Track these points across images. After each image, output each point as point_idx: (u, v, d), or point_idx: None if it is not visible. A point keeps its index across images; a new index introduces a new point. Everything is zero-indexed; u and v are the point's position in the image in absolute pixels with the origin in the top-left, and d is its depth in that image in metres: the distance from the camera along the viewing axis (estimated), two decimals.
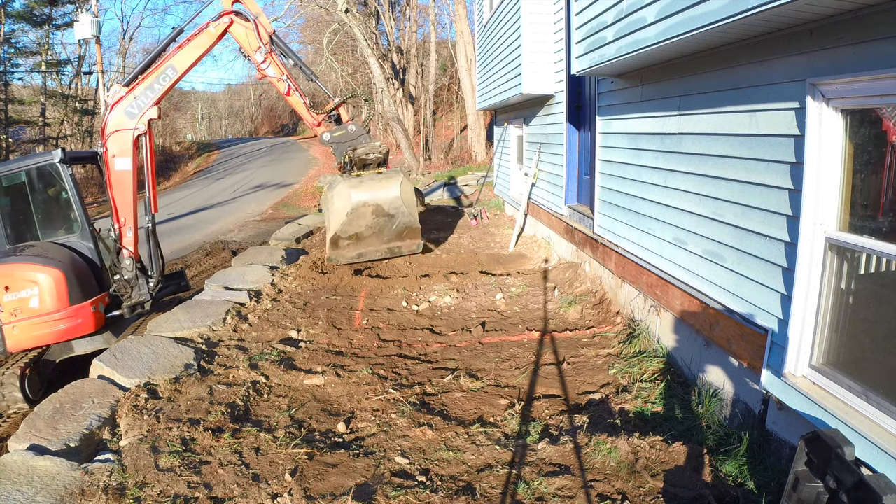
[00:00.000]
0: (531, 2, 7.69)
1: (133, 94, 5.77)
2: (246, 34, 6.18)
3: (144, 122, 5.83)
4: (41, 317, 5.33)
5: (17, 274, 5.29)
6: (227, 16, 6.06)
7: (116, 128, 5.76)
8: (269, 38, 6.22)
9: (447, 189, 15.99)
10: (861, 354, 2.80)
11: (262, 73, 6.39)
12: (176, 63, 5.91)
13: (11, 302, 5.27)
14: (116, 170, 5.77)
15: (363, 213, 6.72)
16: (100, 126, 6.30)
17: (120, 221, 5.87)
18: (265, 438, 3.74)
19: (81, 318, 5.53)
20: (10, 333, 5.29)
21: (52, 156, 5.66)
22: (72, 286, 5.44)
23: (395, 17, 27.92)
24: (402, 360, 5.10)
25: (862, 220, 2.77)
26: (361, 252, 7.14)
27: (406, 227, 7.06)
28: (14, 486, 3.13)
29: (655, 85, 4.73)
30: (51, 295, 5.32)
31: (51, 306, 5.34)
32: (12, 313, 5.27)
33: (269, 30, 6.26)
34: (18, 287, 5.27)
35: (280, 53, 6.37)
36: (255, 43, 6.18)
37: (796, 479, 2.29)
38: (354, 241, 6.94)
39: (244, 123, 60.81)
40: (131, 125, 5.78)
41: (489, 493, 3.16)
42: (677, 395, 4.06)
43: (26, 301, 5.29)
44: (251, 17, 6.10)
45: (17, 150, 23.67)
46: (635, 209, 5.13)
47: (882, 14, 2.41)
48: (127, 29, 33.00)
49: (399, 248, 7.34)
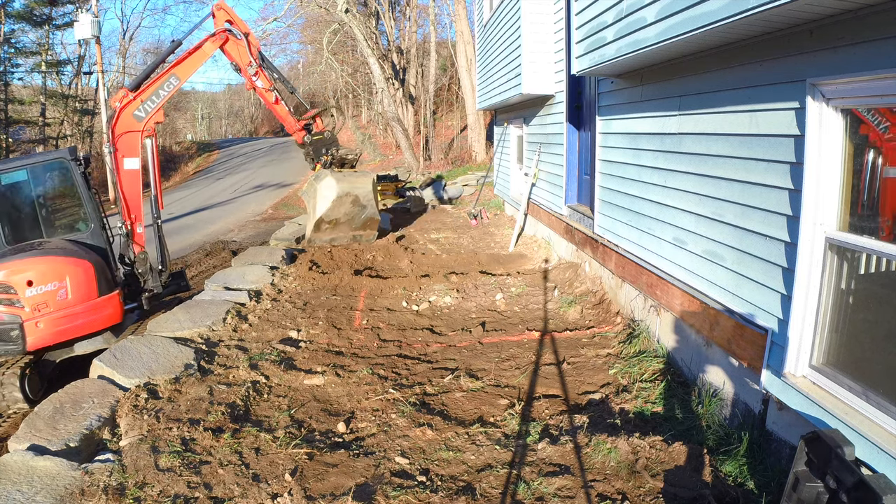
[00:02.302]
0: (531, 2, 7.69)
1: (140, 99, 6.23)
2: (238, 51, 7.07)
3: (151, 124, 6.31)
4: (69, 308, 5.28)
5: (42, 267, 5.18)
6: (223, 34, 6.94)
7: (125, 129, 6.16)
8: (258, 54, 7.15)
9: (447, 188, 16.00)
10: (861, 354, 2.80)
11: (253, 84, 7.35)
12: (178, 73, 6.57)
13: (36, 296, 5.13)
14: (126, 169, 6.14)
15: (345, 201, 7.96)
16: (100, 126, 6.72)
17: (131, 217, 6.23)
18: (265, 438, 3.74)
19: (111, 309, 5.66)
20: (32, 329, 5.15)
21: (65, 153, 5.71)
22: (100, 277, 5.54)
23: (395, 17, 27.93)
24: (402, 360, 5.10)
25: (862, 220, 2.77)
26: (334, 237, 8.41)
27: (370, 218, 8.41)
28: (14, 486, 3.12)
29: (655, 85, 4.73)
30: (81, 286, 5.33)
31: (81, 297, 5.36)
32: (37, 308, 5.15)
33: (258, 46, 7.22)
34: (45, 280, 5.16)
35: (266, 68, 7.34)
36: (247, 58, 7.09)
37: (796, 479, 2.29)
38: (332, 226, 8.23)
39: (244, 123, 60.81)
40: (139, 127, 6.22)
41: (489, 493, 3.16)
42: (677, 395, 4.06)
43: (53, 294, 5.20)
44: (240, 36, 6.99)
45: (17, 150, 23.66)
46: (635, 209, 5.13)
47: (882, 14, 2.41)
48: (127, 29, 33.00)
49: (361, 235, 8.63)
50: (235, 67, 7.27)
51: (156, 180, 6.52)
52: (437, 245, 9.73)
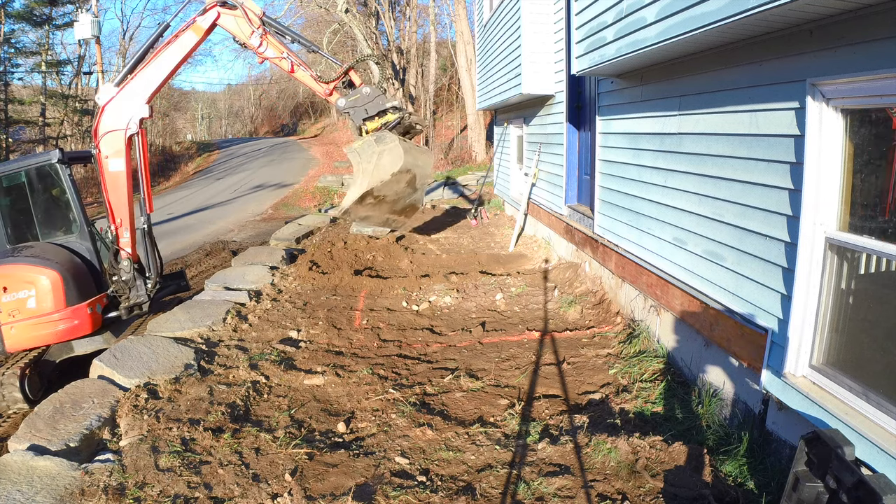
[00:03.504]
0: (531, 2, 7.69)
1: (123, 95, 5.65)
2: (236, 23, 5.93)
3: (136, 122, 5.70)
4: (38, 318, 5.34)
5: (16, 275, 5.30)
6: (214, 9, 5.81)
7: (108, 129, 5.65)
8: (259, 21, 5.94)
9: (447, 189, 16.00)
10: (861, 354, 2.80)
11: (262, 56, 6.08)
12: (164, 61, 5.73)
13: (10, 302, 5.28)
14: (110, 171, 5.69)
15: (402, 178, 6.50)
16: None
17: (116, 222, 5.79)
18: (265, 438, 3.74)
19: (78, 320, 5.52)
20: (8, 334, 5.31)
21: (50, 156, 5.64)
22: (69, 287, 5.43)
23: (395, 17, 27.92)
24: (402, 360, 5.10)
25: (862, 220, 2.77)
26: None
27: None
28: (14, 486, 3.12)
29: (655, 85, 4.73)
30: (47, 296, 5.32)
31: (47, 307, 5.34)
32: (10, 314, 5.29)
33: (259, 12, 6.01)
34: (16, 288, 5.28)
35: (275, 32, 6.09)
36: (248, 29, 5.91)
37: (796, 479, 2.29)
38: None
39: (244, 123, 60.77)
40: (123, 125, 5.66)
41: (489, 493, 3.16)
42: (677, 395, 4.06)
43: (24, 302, 5.30)
44: (237, 4, 5.85)
45: (17, 150, 23.67)
46: (635, 209, 5.13)
47: (882, 14, 2.41)
48: (127, 29, 32.96)
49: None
50: (240, 43, 6.21)
51: (145, 181, 5.97)
52: (437, 245, 9.74)
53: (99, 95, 5.68)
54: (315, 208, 16.24)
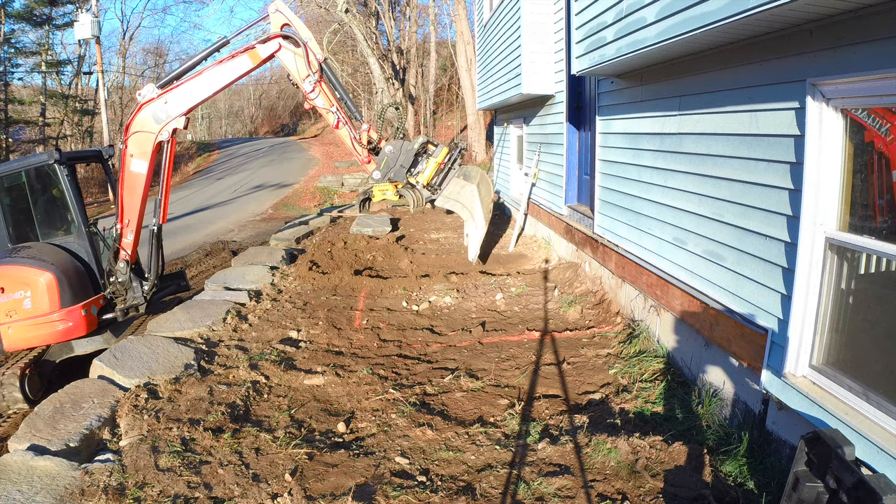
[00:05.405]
0: (531, 2, 7.69)
1: (164, 99, 5.56)
2: (295, 60, 5.72)
3: (169, 130, 5.62)
4: (34, 318, 5.36)
5: (12, 275, 5.32)
6: (276, 40, 5.65)
7: (140, 129, 5.58)
8: (318, 66, 5.77)
9: None
10: (861, 354, 2.80)
11: (311, 102, 5.90)
12: (214, 78, 5.64)
13: (7, 303, 5.30)
14: (131, 170, 5.62)
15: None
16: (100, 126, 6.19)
17: (123, 222, 5.74)
18: (265, 438, 3.74)
19: (73, 321, 5.52)
20: (5, 334, 5.34)
21: (48, 157, 5.64)
22: (63, 289, 5.42)
23: (395, 17, 27.92)
24: (402, 360, 5.10)
25: (862, 219, 2.77)
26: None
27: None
28: (14, 486, 3.12)
29: (655, 85, 4.73)
30: (43, 297, 5.34)
31: (42, 308, 5.36)
32: (7, 314, 5.31)
33: (321, 57, 5.86)
34: (13, 289, 5.31)
35: (329, 82, 5.89)
36: (305, 71, 5.71)
37: (796, 479, 2.29)
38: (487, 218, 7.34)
39: (244, 123, 60.76)
40: (155, 129, 5.59)
41: (489, 493, 3.16)
42: (677, 395, 4.06)
43: (20, 303, 5.33)
44: (301, 43, 5.66)
45: (17, 150, 23.69)
46: (635, 209, 5.13)
47: (882, 14, 2.41)
48: (127, 29, 33.02)
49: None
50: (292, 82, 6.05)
51: (164, 190, 5.90)
52: (437, 245, 9.73)
53: (141, 92, 5.58)
54: (315, 208, 16.23)
